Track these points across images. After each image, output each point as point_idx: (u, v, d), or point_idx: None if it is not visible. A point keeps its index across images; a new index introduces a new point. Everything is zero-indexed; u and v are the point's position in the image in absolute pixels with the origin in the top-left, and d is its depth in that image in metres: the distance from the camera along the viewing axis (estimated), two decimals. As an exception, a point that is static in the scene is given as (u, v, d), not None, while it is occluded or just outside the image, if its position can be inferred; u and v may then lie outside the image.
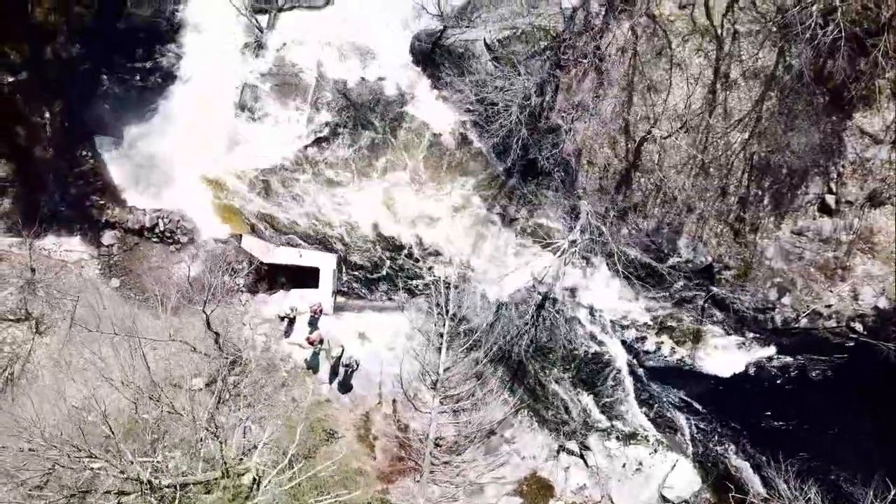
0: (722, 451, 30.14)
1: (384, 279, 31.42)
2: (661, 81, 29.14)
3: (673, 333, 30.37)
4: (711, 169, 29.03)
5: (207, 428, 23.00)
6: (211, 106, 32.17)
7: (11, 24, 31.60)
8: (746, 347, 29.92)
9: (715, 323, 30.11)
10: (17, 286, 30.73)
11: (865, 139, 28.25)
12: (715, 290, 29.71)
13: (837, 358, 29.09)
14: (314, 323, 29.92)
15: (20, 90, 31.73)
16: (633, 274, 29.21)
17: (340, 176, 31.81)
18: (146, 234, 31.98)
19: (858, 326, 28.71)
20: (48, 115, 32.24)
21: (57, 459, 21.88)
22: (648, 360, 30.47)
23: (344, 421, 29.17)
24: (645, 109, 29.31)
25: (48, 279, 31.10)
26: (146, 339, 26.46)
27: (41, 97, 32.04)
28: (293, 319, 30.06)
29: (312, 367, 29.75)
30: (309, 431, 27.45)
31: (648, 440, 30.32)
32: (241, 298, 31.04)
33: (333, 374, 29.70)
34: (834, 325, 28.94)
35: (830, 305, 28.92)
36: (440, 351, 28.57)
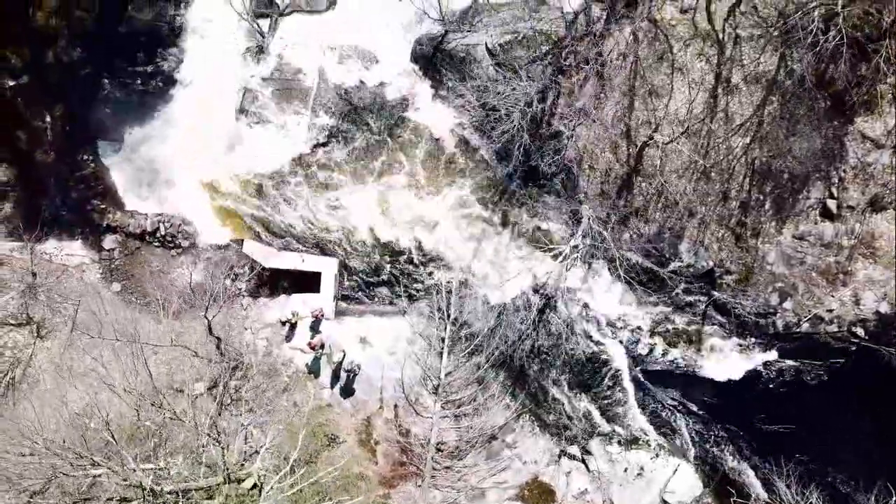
0: (723, 455, 30.12)
1: (385, 284, 31.34)
2: (662, 86, 29.13)
3: (674, 338, 30.31)
4: (713, 173, 29.02)
5: (209, 434, 22.96)
6: (212, 110, 32.08)
7: (12, 27, 31.48)
8: (748, 352, 29.85)
9: (716, 327, 30.04)
10: (18, 290, 30.67)
11: (867, 144, 28.24)
12: (716, 294, 29.69)
13: (839, 362, 28.97)
14: (315, 328, 29.88)
15: (21, 94, 31.62)
16: (634, 279, 29.18)
17: (339, 180, 31.70)
18: (147, 238, 31.97)
19: (860, 331, 28.63)
20: (49, 119, 32.15)
21: (59, 466, 21.81)
22: (649, 364, 30.40)
23: (345, 426, 29.12)
24: (646, 114, 29.29)
25: (49, 283, 31.06)
26: (148, 344, 26.40)
27: (42, 101, 31.94)
28: (295, 324, 29.99)
29: (314, 371, 29.70)
30: (310, 436, 27.39)
31: (650, 445, 30.30)
32: (242, 303, 31.03)
33: (335, 378, 29.67)
34: (835, 329, 28.89)
35: (832, 310, 28.89)
36: (441, 356, 28.51)
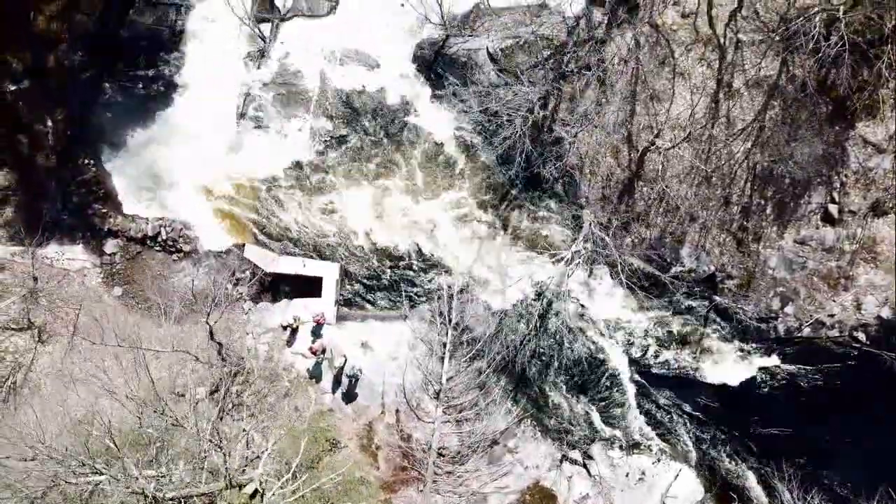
0: (725, 460, 30.09)
1: (385, 289, 31.34)
2: (663, 91, 29.14)
3: (676, 343, 30.28)
4: (714, 178, 29.02)
5: (211, 440, 22.95)
6: (213, 115, 32.02)
7: (13, 32, 31.31)
8: (749, 357, 29.83)
9: (718, 332, 30.04)
10: (19, 295, 30.62)
11: (868, 149, 28.23)
12: (718, 299, 29.69)
13: (840, 367, 28.96)
14: (317, 332, 29.82)
15: (22, 98, 31.42)
16: (636, 283, 29.16)
17: (336, 184, 31.73)
18: (148, 242, 31.92)
19: (861, 336, 28.62)
20: (50, 123, 31.98)
21: (61, 474, 21.79)
22: (651, 369, 30.37)
23: (347, 431, 29.09)
24: (648, 119, 29.30)
25: (50, 288, 31.02)
26: (149, 349, 26.37)
27: (43, 105, 31.76)
28: (296, 329, 29.92)
29: (315, 376, 29.66)
30: (312, 441, 27.35)
31: (651, 449, 30.28)
32: (243, 307, 31.01)
33: (336, 383, 29.63)
34: (837, 334, 28.86)
35: (833, 315, 28.87)
36: (443, 360, 28.51)
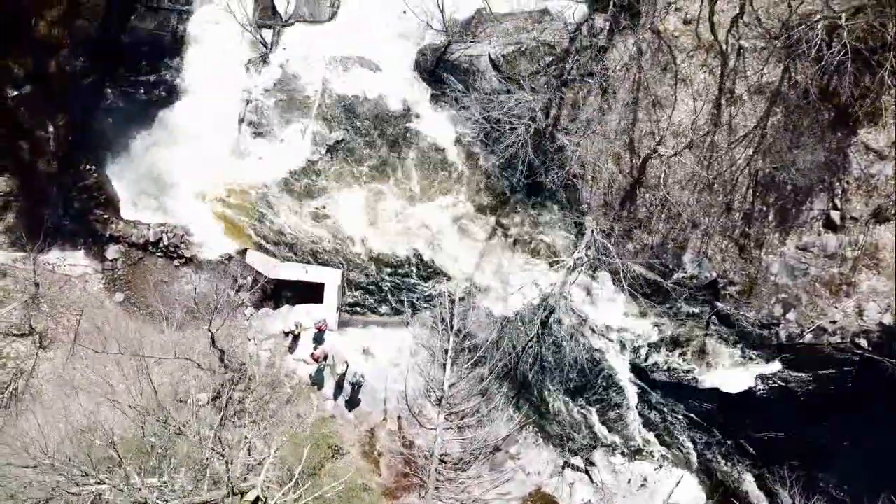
0: (727, 466, 30.08)
1: (386, 296, 31.31)
2: (665, 97, 29.12)
3: (677, 349, 30.25)
4: (716, 185, 29.00)
5: (213, 448, 22.94)
6: (214, 120, 31.94)
7: (15, 37, 31.40)
8: (751, 363, 29.81)
9: (719, 338, 30.01)
10: (21, 301, 30.65)
11: (870, 155, 28.23)
12: (720, 305, 29.67)
13: (842, 373, 28.99)
14: (319, 339, 29.83)
15: (24, 104, 31.51)
16: (638, 290, 29.14)
17: (339, 189, 31.71)
18: (150, 248, 31.93)
19: (863, 342, 28.62)
20: (52, 128, 32.03)
21: (62, 484, 21.77)
22: (653, 375, 30.35)
23: (349, 437, 29.08)
24: (649, 125, 29.28)
25: (52, 294, 31.05)
26: (151, 357, 26.35)
27: (45, 111, 31.81)
28: (298, 335, 29.91)
29: (317, 382, 29.65)
30: (314, 448, 27.37)
31: (653, 455, 30.26)
32: (245, 313, 30.99)
33: (338, 389, 29.62)
34: (839, 340, 28.86)
35: (835, 321, 28.86)
36: (445, 367, 28.49)
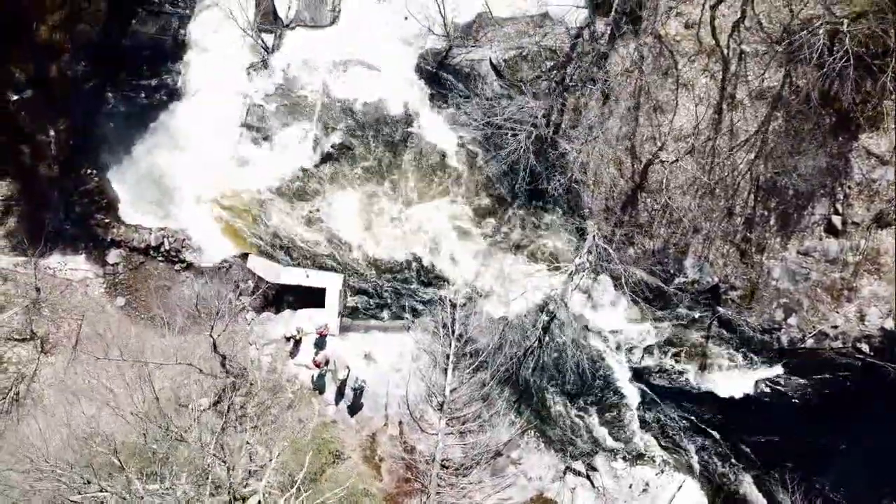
0: (728, 471, 30.03)
1: (387, 300, 31.29)
2: (667, 102, 29.13)
3: (679, 353, 30.25)
4: (717, 190, 29.01)
5: (215, 454, 22.93)
6: (216, 125, 31.97)
7: (16, 42, 31.43)
8: (752, 367, 29.82)
9: (721, 343, 30.01)
10: (22, 306, 30.66)
11: (872, 160, 28.25)
12: (721, 310, 29.68)
13: (843, 378, 29.00)
14: (320, 344, 29.79)
15: (25, 108, 31.57)
16: (639, 295, 29.14)
17: (340, 193, 31.68)
18: (151, 253, 31.92)
19: (864, 347, 28.66)
20: (53, 133, 32.07)
21: (64, 491, 21.76)
22: (654, 379, 30.35)
23: (350, 442, 29.05)
24: (651, 130, 29.29)
25: (53, 298, 31.07)
26: (153, 362, 26.34)
27: (46, 115, 31.85)
28: (299, 340, 29.89)
29: (319, 387, 29.61)
30: (315, 453, 27.34)
31: (655, 460, 30.22)
32: (246, 318, 30.98)
33: (340, 395, 29.58)
34: (840, 345, 28.89)
35: (836, 326, 28.87)
36: (446, 372, 28.44)
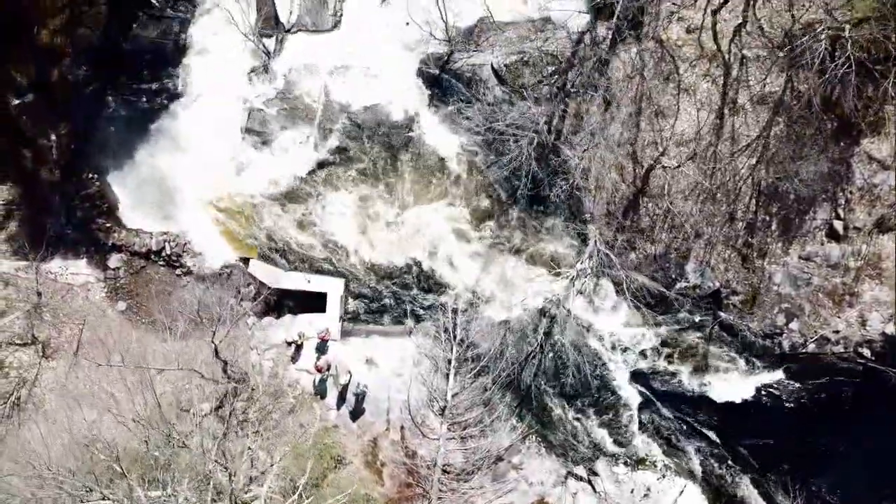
0: (730, 476, 30.04)
1: (388, 305, 31.28)
2: (668, 107, 29.13)
3: (680, 358, 30.25)
4: (719, 194, 29.02)
5: (217, 461, 22.94)
6: (217, 129, 31.90)
7: (17, 46, 31.33)
8: (754, 372, 29.85)
9: (722, 348, 30.03)
10: (23, 310, 30.59)
11: (873, 165, 28.26)
12: (722, 315, 29.69)
13: (845, 383, 29.04)
14: (322, 349, 29.77)
15: (26, 112, 31.34)
16: (640, 300, 29.13)
17: (341, 198, 31.64)
18: (153, 257, 31.86)
19: (866, 352, 28.68)
20: (54, 137, 31.89)
21: (66, 499, 21.75)
22: (655, 384, 30.36)
23: (352, 447, 29.02)
24: (652, 135, 29.29)
25: (54, 303, 30.98)
26: (155, 368, 26.34)
27: (47, 119, 31.68)
28: (301, 345, 29.84)
29: (320, 392, 29.59)
30: (317, 458, 27.35)
31: (656, 465, 30.22)
32: (247, 322, 30.96)
33: (341, 399, 29.55)
34: (842, 350, 28.92)
35: (838, 331, 28.90)
36: (448, 377, 28.39)
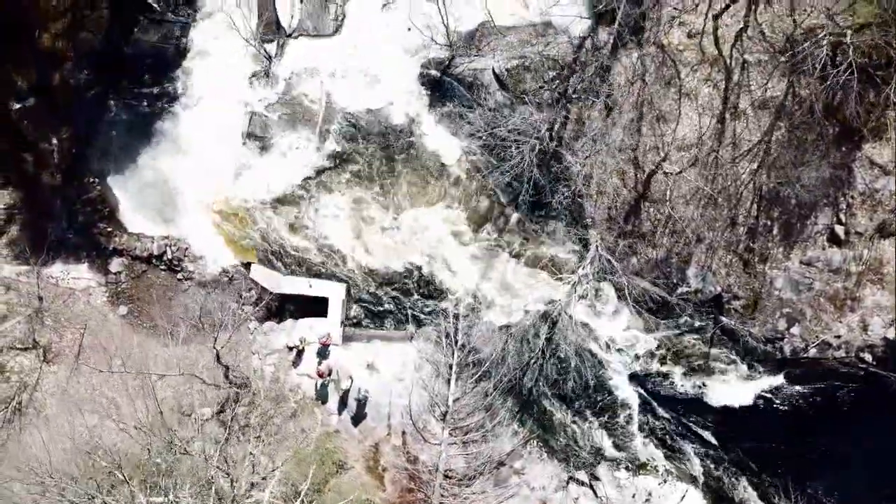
0: (731, 480, 30.05)
1: (389, 310, 31.29)
2: (669, 112, 29.13)
3: (682, 363, 30.29)
4: (720, 199, 29.02)
5: (219, 467, 22.94)
6: (219, 134, 31.89)
7: (19, 50, 31.30)
8: (755, 377, 29.86)
9: (724, 352, 30.04)
10: (24, 315, 30.59)
11: (875, 170, 28.26)
12: (724, 320, 29.70)
13: (846, 388, 29.05)
14: (323, 354, 29.75)
15: (28, 116, 31.31)
16: (642, 304, 29.14)
17: (342, 203, 31.63)
18: (154, 261, 31.85)
19: (867, 357, 28.71)
20: (55, 141, 31.87)
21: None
22: (657, 389, 30.39)
23: (353, 452, 29.02)
24: (654, 140, 29.29)
25: (56, 307, 30.96)
26: (156, 374, 26.33)
27: (49, 123, 31.64)
28: (302, 350, 29.85)
29: (322, 397, 29.58)
30: (319, 464, 27.34)
31: (658, 470, 30.23)
32: (249, 327, 30.96)
33: (342, 405, 29.56)
34: (843, 355, 28.93)
35: (839, 336, 28.90)
36: (449, 382, 28.39)
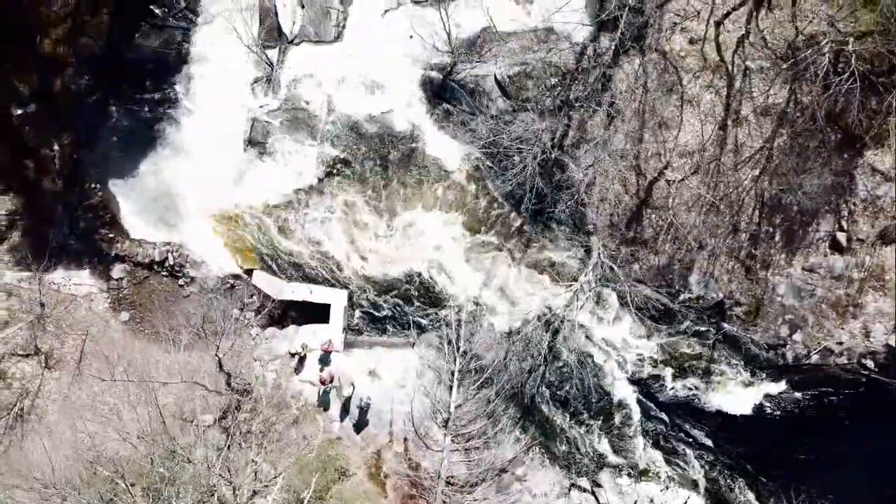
0: (733, 487, 30.07)
1: (391, 317, 31.26)
2: (671, 118, 29.14)
3: (683, 369, 30.29)
4: (722, 206, 29.02)
5: (221, 475, 22.92)
6: (219, 139, 31.84)
7: (20, 55, 31.30)
8: (757, 383, 29.87)
9: (726, 359, 30.03)
10: (26, 321, 30.55)
11: (877, 177, 28.29)
12: (726, 326, 29.71)
13: (848, 394, 29.08)
14: (325, 360, 29.74)
15: (29, 122, 31.31)
16: (644, 311, 29.16)
17: (344, 208, 31.62)
18: (156, 267, 31.83)
19: (869, 363, 28.73)
20: (57, 147, 31.84)
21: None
22: (659, 395, 30.39)
23: (355, 459, 28.99)
24: (656, 146, 29.30)
25: (58, 314, 30.93)
26: (158, 381, 26.31)
27: (50, 129, 31.63)
28: (304, 356, 29.84)
29: (323, 404, 29.55)
30: (321, 470, 27.33)
31: (660, 476, 30.23)
32: (251, 333, 30.95)
33: (344, 411, 29.52)
34: (845, 361, 28.96)
35: (842, 342, 28.92)
36: (451, 389, 28.38)
